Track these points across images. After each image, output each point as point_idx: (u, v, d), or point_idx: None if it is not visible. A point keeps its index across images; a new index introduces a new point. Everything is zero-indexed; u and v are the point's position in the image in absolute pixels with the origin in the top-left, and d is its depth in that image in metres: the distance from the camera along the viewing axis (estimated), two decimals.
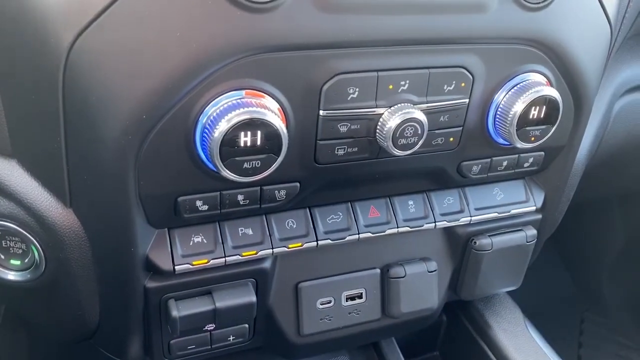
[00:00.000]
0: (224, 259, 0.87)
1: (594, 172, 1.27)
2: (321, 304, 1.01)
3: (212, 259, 0.87)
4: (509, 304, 1.31)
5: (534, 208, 1.08)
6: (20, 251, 0.85)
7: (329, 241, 0.94)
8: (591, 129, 1.17)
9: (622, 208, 1.98)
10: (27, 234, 0.83)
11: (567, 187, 1.13)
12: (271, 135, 0.73)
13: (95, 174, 0.76)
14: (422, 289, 1.06)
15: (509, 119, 0.87)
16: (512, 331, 1.24)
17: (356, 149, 0.84)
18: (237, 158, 0.73)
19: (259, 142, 0.73)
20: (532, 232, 1.10)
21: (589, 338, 2.04)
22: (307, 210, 0.94)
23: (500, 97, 0.88)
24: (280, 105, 0.76)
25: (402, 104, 0.81)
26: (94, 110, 0.71)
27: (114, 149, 0.73)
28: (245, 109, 0.71)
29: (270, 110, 0.73)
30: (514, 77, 0.87)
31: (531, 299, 1.40)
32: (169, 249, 0.85)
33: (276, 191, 0.85)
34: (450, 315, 1.36)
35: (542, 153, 1.01)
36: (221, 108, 0.72)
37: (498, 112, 0.88)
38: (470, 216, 1.03)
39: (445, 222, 1.02)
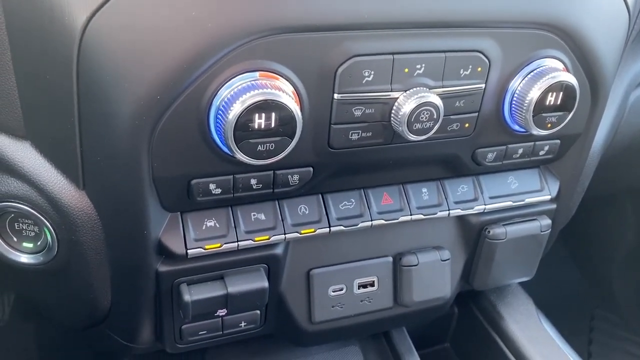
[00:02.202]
0: (236, 243, 0.87)
1: (608, 164, 1.25)
2: (333, 291, 1.01)
3: (225, 243, 0.86)
4: (522, 295, 1.30)
5: (548, 197, 1.07)
6: (33, 234, 0.86)
7: (341, 227, 0.93)
8: (607, 118, 1.16)
9: (635, 204, 1.96)
10: (40, 216, 0.82)
11: (582, 177, 1.12)
12: (285, 117, 0.73)
13: (108, 156, 0.76)
14: (435, 277, 1.05)
15: (525, 105, 0.86)
16: (525, 323, 1.23)
17: (370, 133, 0.83)
18: (251, 140, 0.73)
19: (273, 125, 0.73)
20: (546, 221, 1.09)
21: (599, 335, 2.03)
22: (320, 196, 0.93)
23: (517, 82, 0.87)
24: (294, 88, 0.75)
25: (418, 88, 0.80)
26: (108, 91, 0.71)
27: (127, 131, 0.72)
28: (260, 90, 0.71)
29: (285, 92, 0.72)
30: (530, 63, 0.86)
31: (541, 295, 1.39)
32: (182, 233, 0.85)
33: (289, 176, 0.84)
34: (462, 306, 1.35)
35: (558, 141, 0.99)
36: (235, 90, 0.71)
37: (514, 98, 0.87)
38: (485, 204, 1.02)
39: (459, 210, 1.01)
